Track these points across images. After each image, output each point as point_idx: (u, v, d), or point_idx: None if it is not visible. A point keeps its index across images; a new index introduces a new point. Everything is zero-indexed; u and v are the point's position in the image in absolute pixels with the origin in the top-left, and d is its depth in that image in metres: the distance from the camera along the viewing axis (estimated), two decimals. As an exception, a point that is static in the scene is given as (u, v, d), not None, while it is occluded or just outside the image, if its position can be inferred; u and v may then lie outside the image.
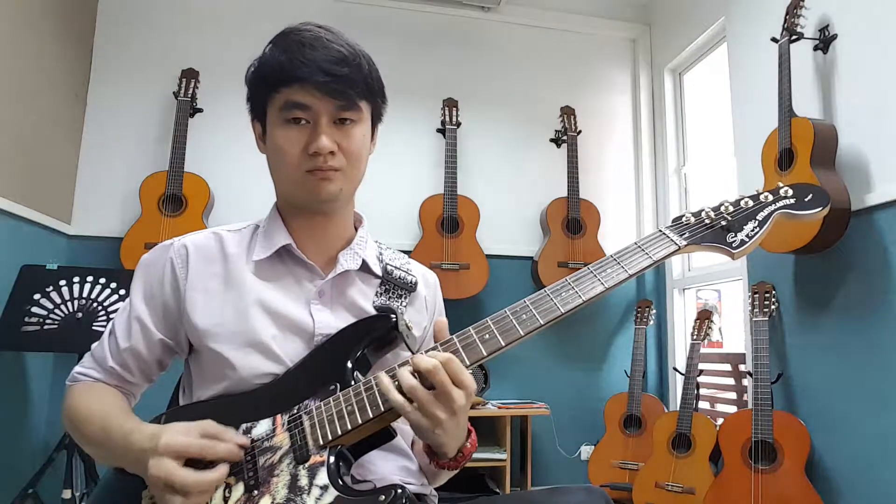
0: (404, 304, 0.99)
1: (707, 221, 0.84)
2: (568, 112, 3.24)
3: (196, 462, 0.77)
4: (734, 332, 4.05)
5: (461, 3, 3.36)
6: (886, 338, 1.97)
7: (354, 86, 0.90)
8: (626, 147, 3.54)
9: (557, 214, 3.11)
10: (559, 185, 3.16)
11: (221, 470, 0.77)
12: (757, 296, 2.37)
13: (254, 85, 0.94)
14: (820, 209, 0.83)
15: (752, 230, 0.82)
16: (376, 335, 0.89)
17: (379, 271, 0.99)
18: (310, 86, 0.87)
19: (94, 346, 0.97)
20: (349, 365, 0.85)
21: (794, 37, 2.21)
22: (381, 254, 1.03)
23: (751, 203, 0.85)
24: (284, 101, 0.89)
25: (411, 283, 1.01)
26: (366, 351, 0.88)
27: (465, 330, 0.81)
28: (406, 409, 0.76)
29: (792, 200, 0.84)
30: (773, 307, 2.34)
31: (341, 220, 1.00)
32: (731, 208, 0.84)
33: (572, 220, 3.10)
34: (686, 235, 0.83)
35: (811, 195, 0.84)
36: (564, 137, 3.22)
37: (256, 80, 0.93)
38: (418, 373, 0.76)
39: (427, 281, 1.07)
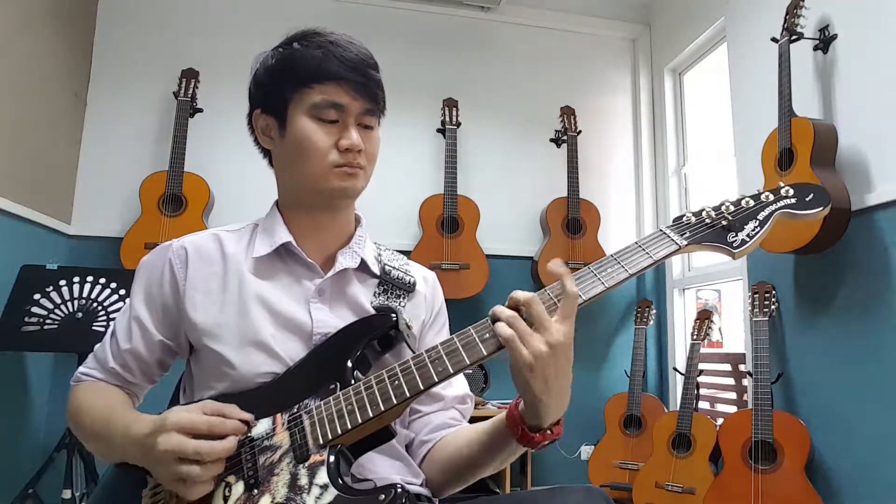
0: (403, 303, 0.99)
1: (708, 221, 0.83)
2: (568, 112, 3.24)
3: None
4: (734, 332, 4.05)
5: (461, 3, 3.36)
6: (886, 338, 1.97)
7: (381, 90, 0.94)
8: (626, 147, 3.54)
9: (557, 214, 3.11)
10: (559, 185, 3.16)
11: (231, 441, 0.78)
12: (757, 296, 2.37)
13: (274, 77, 0.93)
14: (821, 209, 0.82)
15: (753, 230, 0.81)
16: (377, 334, 0.89)
17: (377, 271, 0.99)
18: (346, 84, 0.90)
19: (96, 346, 0.98)
20: (349, 364, 0.85)
21: (794, 37, 2.21)
22: (379, 255, 1.03)
23: (752, 203, 0.84)
24: (321, 98, 0.90)
25: (409, 283, 1.01)
26: (366, 350, 0.88)
27: (464, 329, 0.81)
28: (510, 339, 0.74)
29: (793, 200, 0.83)
30: (773, 307, 2.34)
31: (344, 219, 1.00)
32: (731, 208, 0.84)
33: (572, 220, 3.10)
34: (687, 235, 0.82)
35: (812, 195, 0.83)
36: (564, 137, 3.21)
37: (280, 74, 0.93)
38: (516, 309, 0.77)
39: (426, 279, 1.07)
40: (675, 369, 3.05)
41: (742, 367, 2.76)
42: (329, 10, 3.17)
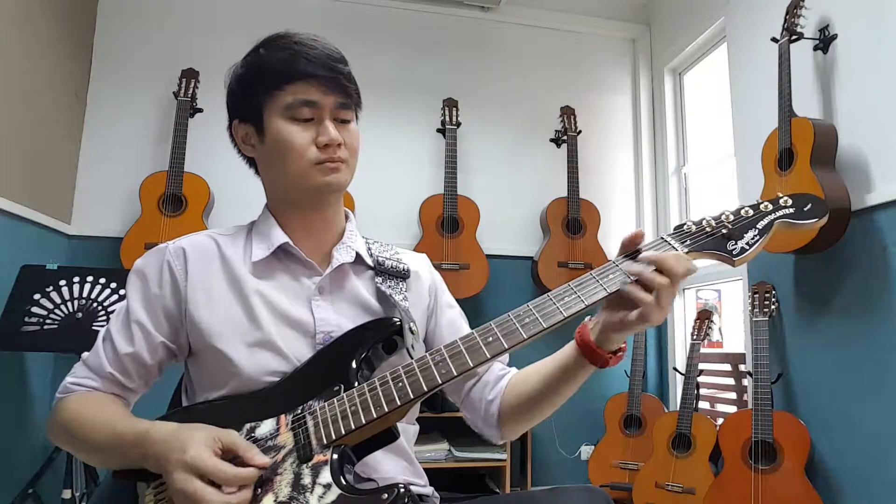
0: (403, 290, 1.00)
1: (708, 229, 0.85)
2: (568, 112, 3.24)
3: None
4: (734, 332, 4.06)
5: (461, 3, 3.36)
6: (886, 338, 1.97)
7: (352, 83, 0.95)
8: (626, 147, 3.54)
9: (557, 214, 3.11)
10: (559, 185, 3.16)
11: (246, 494, 0.76)
12: (757, 296, 2.37)
13: (246, 86, 0.95)
14: (818, 219, 0.84)
15: (753, 238, 0.83)
16: (381, 338, 0.90)
17: (371, 263, 1.01)
18: (316, 81, 0.91)
19: (84, 355, 0.95)
20: (353, 366, 0.86)
21: (794, 37, 2.22)
22: (369, 248, 1.04)
23: (751, 212, 0.86)
24: (292, 99, 0.91)
25: (404, 270, 1.03)
26: (371, 353, 0.89)
27: (468, 333, 0.83)
28: (644, 298, 0.78)
29: (791, 210, 0.86)
30: (773, 307, 2.34)
31: (333, 215, 1.01)
32: (731, 217, 0.86)
33: (572, 220, 3.11)
34: (687, 243, 0.84)
35: (810, 205, 0.85)
36: (564, 137, 3.22)
37: (250, 81, 0.94)
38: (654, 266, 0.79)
39: (420, 262, 1.10)
40: (675, 369, 3.05)
41: (742, 367, 2.77)
42: (329, 11, 3.17)
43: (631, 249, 0.83)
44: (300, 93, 0.91)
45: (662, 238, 0.85)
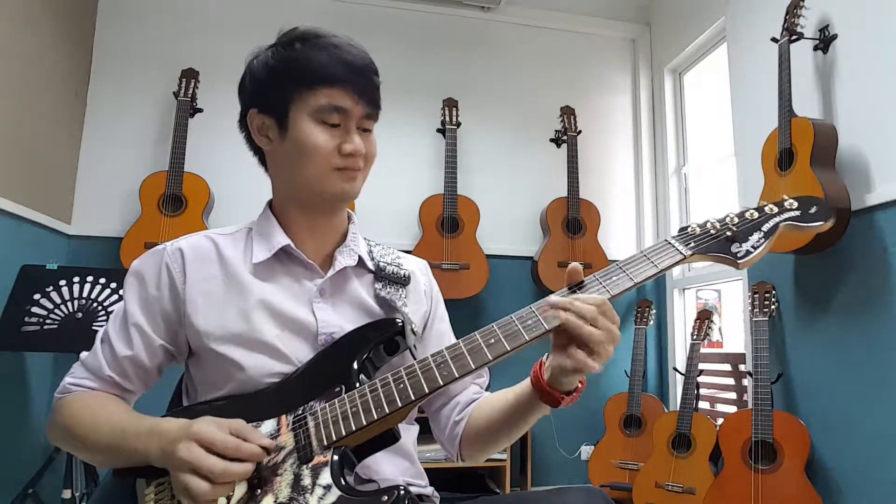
0: (403, 296, 1.00)
1: (712, 232, 0.85)
2: (568, 112, 3.24)
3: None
4: (734, 332, 4.06)
5: (461, 3, 3.36)
6: (886, 338, 1.97)
7: (379, 95, 0.95)
8: (626, 147, 3.54)
9: (557, 214, 3.11)
10: (559, 185, 3.16)
11: (248, 466, 0.77)
12: (757, 296, 2.37)
13: (276, 78, 0.92)
14: (823, 222, 0.84)
15: (758, 241, 0.83)
16: (383, 339, 0.90)
17: (372, 267, 1.01)
18: (351, 89, 0.90)
19: (83, 356, 0.95)
20: (355, 367, 0.86)
21: (794, 37, 2.21)
22: (371, 251, 1.04)
23: (756, 214, 0.85)
24: (326, 101, 0.89)
25: (404, 276, 1.03)
26: (372, 354, 0.89)
27: (469, 335, 0.82)
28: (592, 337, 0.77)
29: (797, 213, 0.85)
30: (773, 307, 2.34)
31: (339, 218, 1.01)
32: (735, 219, 0.85)
33: (572, 220, 3.11)
34: (691, 245, 0.84)
35: (815, 208, 0.85)
36: (564, 137, 3.22)
37: (281, 74, 0.91)
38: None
39: (420, 269, 1.09)
40: (675, 369, 3.05)
41: (742, 367, 2.77)
42: (329, 10, 3.16)
43: (574, 282, 0.82)
44: (334, 97, 0.89)
45: (667, 241, 0.85)
